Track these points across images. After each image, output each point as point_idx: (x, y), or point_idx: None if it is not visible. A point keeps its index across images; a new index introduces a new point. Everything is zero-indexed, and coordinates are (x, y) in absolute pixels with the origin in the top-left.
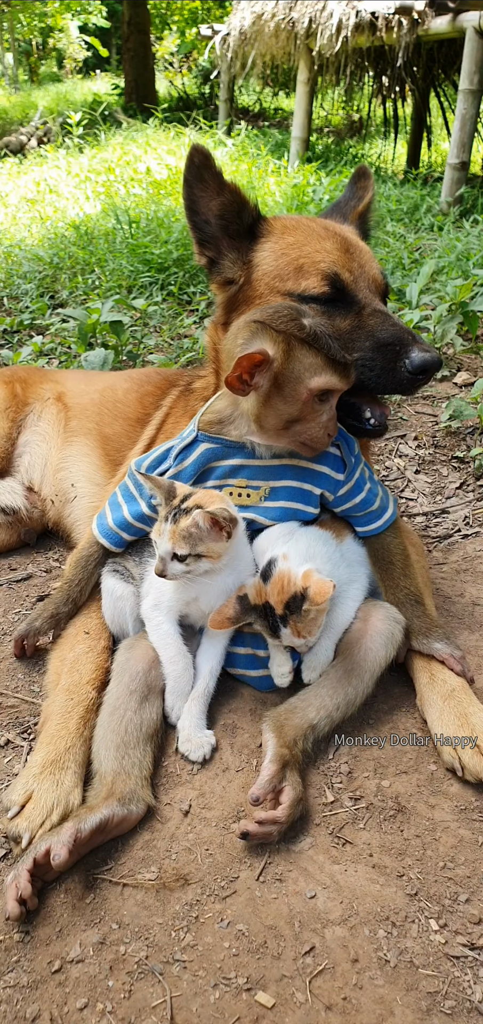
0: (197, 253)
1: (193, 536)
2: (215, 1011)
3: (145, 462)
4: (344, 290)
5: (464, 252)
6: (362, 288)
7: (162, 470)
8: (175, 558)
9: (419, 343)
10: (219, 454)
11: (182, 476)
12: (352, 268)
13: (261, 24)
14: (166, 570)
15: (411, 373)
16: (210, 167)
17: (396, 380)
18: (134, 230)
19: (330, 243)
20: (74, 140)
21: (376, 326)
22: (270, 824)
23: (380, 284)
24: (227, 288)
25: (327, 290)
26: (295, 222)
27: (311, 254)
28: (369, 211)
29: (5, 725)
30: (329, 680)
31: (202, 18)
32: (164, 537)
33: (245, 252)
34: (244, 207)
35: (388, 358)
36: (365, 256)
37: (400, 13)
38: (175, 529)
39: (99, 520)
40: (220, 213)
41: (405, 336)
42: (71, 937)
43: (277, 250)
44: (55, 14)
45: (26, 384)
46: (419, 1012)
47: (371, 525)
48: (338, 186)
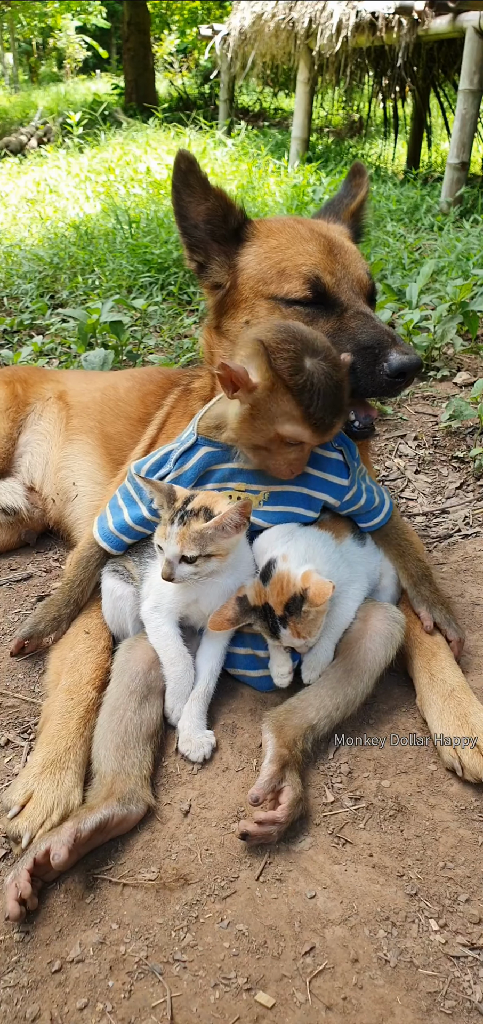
0: (187, 258)
1: (204, 537)
2: (215, 1011)
3: (144, 466)
4: (325, 293)
5: (464, 252)
6: (345, 290)
7: (162, 474)
8: (183, 560)
9: (399, 345)
10: (219, 457)
11: (182, 480)
12: (335, 270)
13: (261, 24)
14: (174, 573)
15: (389, 376)
16: (196, 172)
17: (376, 383)
18: (134, 230)
19: (313, 245)
20: (74, 140)
21: (357, 328)
22: (270, 824)
23: (365, 285)
24: (216, 292)
25: (308, 294)
26: (280, 224)
27: (293, 257)
28: (362, 209)
29: (5, 725)
30: (329, 680)
31: (202, 18)
32: (171, 540)
33: (231, 256)
34: (230, 211)
35: (368, 361)
36: (349, 257)
37: (400, 13)
38: (184, 532)
39: (100, 523)
40: (207, 218)
41: (385, 339)
42: (71, 937)
43: (261, 254)
44: (55, 14)
45: (27, 384)
46: (419, 1012)
47: (373, 520)
48: (338, 186)
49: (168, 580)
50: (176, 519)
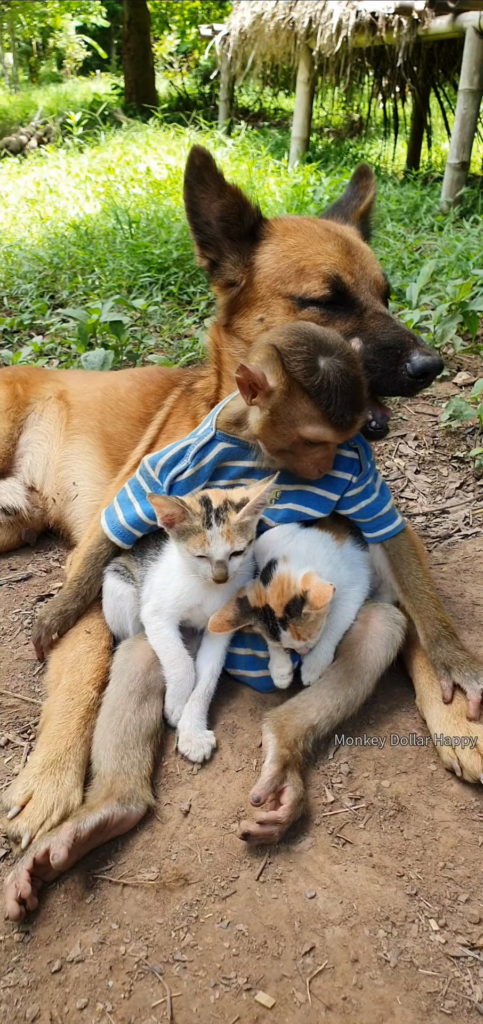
0: (198, 255)
1: (246, 526)
2: (215, 1011)
3: (160, 460)
4: (345, 292)
5: (464, 252)
6: (363, 290)
7: (179, 469)
8: (233, 556)
9: (420, 346)
10: (235, 454)
11: (200, 474)
12: (353, 270)
13: (261, 24)
14: (228, 572)
15: (412, 376)
16: (211, 168)
17: (397, 383)
18: (134, 230)
19: (331, 245)
20: (74, 140)
21: (377, 329)
22: (271, 825)
23: (382, 286)
24: (229, 290)
25: (328, 293)
26: (297, 224)
27: (312, 256)
28: (371, 211)
29: (5, 725)
30: (329, 681)
31: (202, 18)
32: (218, 542)
33: (246, 254)
34: (245, 209)
35: (389, 361)
36: (367, 257)
37: (400, 13)
38: (227, 528)
39: (109, 517)
40: (221, 215)
41: (406, 339)
42: (71, 937)
43: (278, 252)
44: (55, 14)
45: (27, 384)
46: (419, 1012)
47: (380, 531)
48: (338, 186)
49: (223, 581)
50: (213, 520)
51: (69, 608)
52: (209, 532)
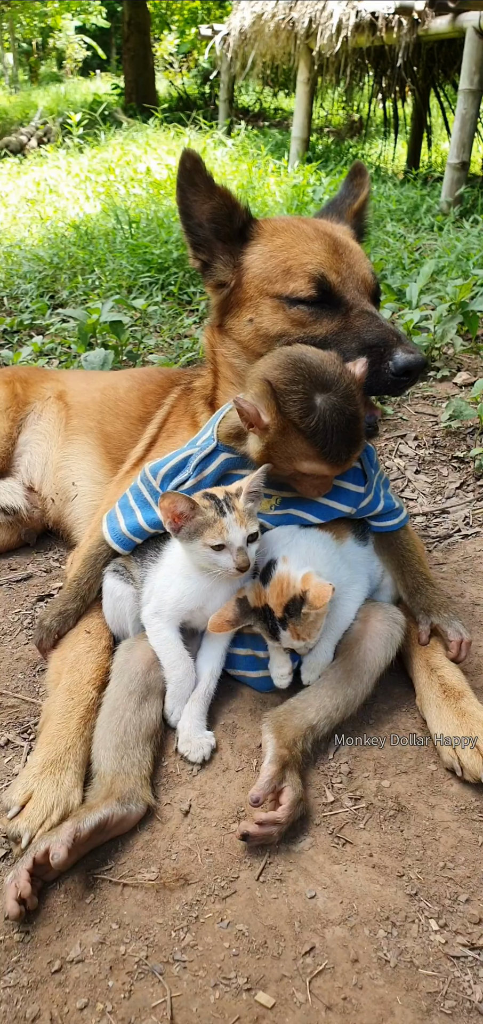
0: (191, 256)
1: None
2: (215, 1011)
3: (161, 470)
4: (331, 292)
5: (464, 252)
6: (350, 289)
7: (180, 480)
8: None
9: (404, 344)
10: (238, 464)
11: (202, 486)
12: (340, 269)
13: (261, 24)
14: (249, 558)
15: (395, 375)
16: (201, 171)
17: (381, 382)
18: (134, 230)
19: (318, 244)
20: (74, 140)
21: (362, 327)
22: (270, 825)
23: (370, 284)
24: (220, 291)
25: (314, 293)
26: (285, 224)
27: (299, 256)
28: (365, 208)
29: (5, 725)
30: (329, 681)
31: (202, 18)
32: (234, 528)
33: (236, 255)
34: (235, 210)
35: (373, 360)
36: (355, 256)
37: (400, 13)
38: (239, 515)
39: (110, 524)
40: (212, 216)
41: (390, 337)
42: (71, 937)
43: (266, 252)
44: (55, 14)
45: (27, 384)
46: (419, 1012)
47: (387, 522)
48: (338, 186)
49: (245, 569)
50: (224, 509)
51: (69, 608)
52: (225, 520)
